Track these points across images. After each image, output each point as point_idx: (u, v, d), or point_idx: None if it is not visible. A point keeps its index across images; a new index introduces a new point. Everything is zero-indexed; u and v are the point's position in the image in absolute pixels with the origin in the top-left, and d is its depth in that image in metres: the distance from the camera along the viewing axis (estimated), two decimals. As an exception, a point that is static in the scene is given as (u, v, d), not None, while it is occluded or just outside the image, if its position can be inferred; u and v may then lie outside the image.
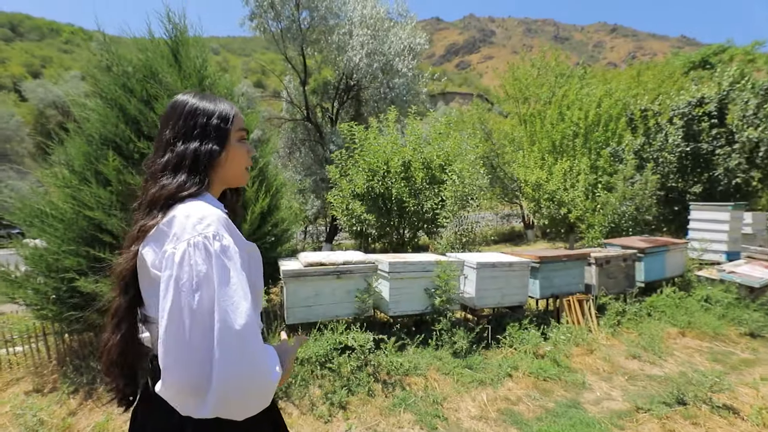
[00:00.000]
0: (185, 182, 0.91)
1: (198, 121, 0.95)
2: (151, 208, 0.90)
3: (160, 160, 0.94)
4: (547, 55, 16.35)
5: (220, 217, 0.86)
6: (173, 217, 0.85)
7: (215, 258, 0.79)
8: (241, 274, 0.82)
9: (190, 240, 0.80)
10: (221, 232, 0.83)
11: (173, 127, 0.96)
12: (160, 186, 0.91)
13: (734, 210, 6.74)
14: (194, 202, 0.88)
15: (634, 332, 4.85)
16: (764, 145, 7.33)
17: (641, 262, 5.79)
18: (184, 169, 0.92)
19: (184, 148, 0.93)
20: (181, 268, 0.78)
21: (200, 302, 0.77)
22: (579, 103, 11.63)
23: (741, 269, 5.74)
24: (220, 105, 0.99)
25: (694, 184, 8.35)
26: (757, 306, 5.16)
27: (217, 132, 0.96)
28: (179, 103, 0.98)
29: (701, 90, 8.23)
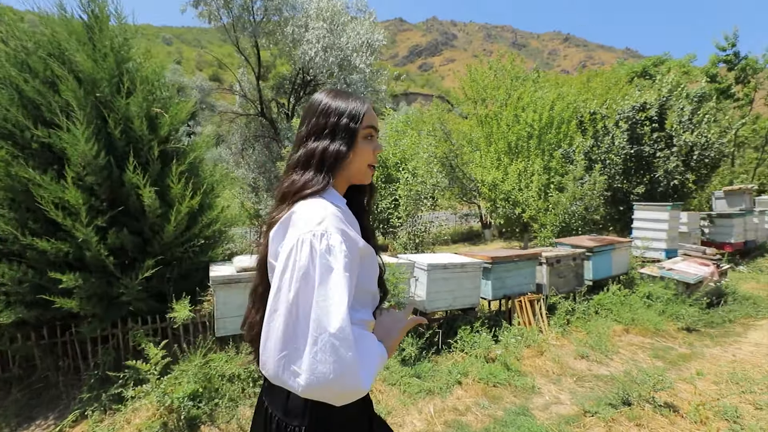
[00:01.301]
0: (311, 180, 0.94)
1: (329, 120, 0.97)
2: (281, 201, 0.97)
3: (294, 156, 1.00)
4: (503, 58, 16.72)
5: (334, 216, 0.87)
6: (293, 213, 0.89)
7: (319, 256, 0.79)
8: (344, 275, 0.80)
9: (300, 236, 0.82)
10: (330, 230, 0.83)
11: (308, 124, 1.00)
12: (290, 181, 0.96)
13: (672, 210, 7.09)
14: (315, 200, 0.91)
15: (582, 331, 4.90)
16: (698, 149, 7.78)
17: (589, 260, 5.91)
18: (311, 167, 0.95)
19: (315, 146, 0.97)
20: (287, 263, 0.80)
21: (296, 297, 0.78)
22: (533, 105, 11.92)
23: (678, 266, 6.01)
24: (353, 103, 1.00)
25: (637, 185, 8.75)
26: (692, 301, 5.40)
27: (346, 132, 0.97)
28: (315, 101, 1.02)
29: (643, 96, 8.63)
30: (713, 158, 8.04)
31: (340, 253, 0.81)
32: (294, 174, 0.97)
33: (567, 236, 7.36)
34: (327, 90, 1.04)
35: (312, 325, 0.75)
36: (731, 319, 5.31)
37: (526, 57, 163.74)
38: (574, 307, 5.29)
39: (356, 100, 1.01)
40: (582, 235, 7.21)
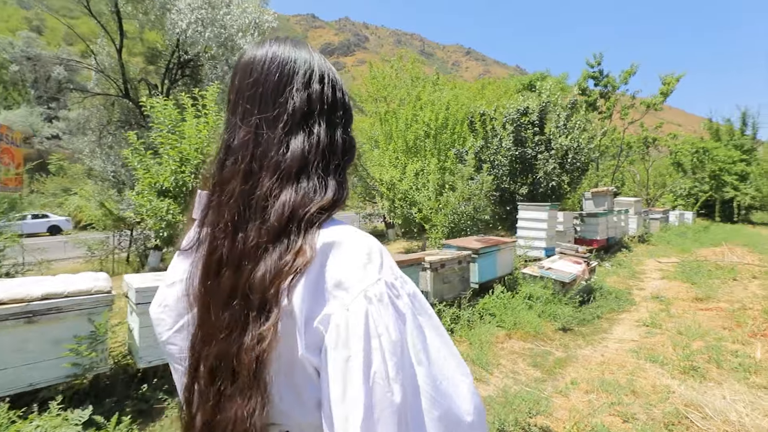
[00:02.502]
0: (337, 191, 0.56)
1: (337, 94, 0.60)
2: (285, 232, 0.51)
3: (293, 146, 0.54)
4: (404, 57, 16.75)
5: (386, 249, 0.54)
6: (327, 248, 0.50)
7: (410, 318, 0.49)
8: (445, 333, 0.52)
9: (369, 292, 0.48)
10: (400, 272, 0.54)
11: (306, 87, 0.57)
12: (303, 193, 0.53)
13: (551, 210, 7.36)
14: (342, 226, 0.54)
15: (466, 341, 4.55)
16: (571, 153, 8.26)
17: (475, 263, 5.69)
18: (331, 167, 0.57)
19: (329, 134, 0.57)
20: (368, 344, 0.46)
21: (405, 394, 0.46)
22: (431, 105, 11.92)
23: (556, 265, 6.15)
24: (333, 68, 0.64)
25: (521, 186, 9.07)
26: (567, 300, 5.49)
27: (351, 119, 0.64)
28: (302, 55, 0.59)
29: (527, 101, 8.97)
30: (583, 162, 8.68)
31: (425, 301, 0.53)
32: (304, 181, 0.54)
33: (458, 237, 7.19)
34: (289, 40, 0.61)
35: (438, 426, 0.47)
36: (599, 315, 5.51)
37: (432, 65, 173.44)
38: (459, 314, 4.95)
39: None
40: (471, 235, 7.08)
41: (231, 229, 0.53)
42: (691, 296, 5.97)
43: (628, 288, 6.86)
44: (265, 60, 0.58)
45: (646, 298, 6.22)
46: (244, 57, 0.60)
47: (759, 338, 4.29)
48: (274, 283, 0.48)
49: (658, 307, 5.70)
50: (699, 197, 20.11)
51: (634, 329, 5.02)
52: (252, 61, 0.59)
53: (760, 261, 8.02)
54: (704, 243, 10.90)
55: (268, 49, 0.59)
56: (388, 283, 0.50)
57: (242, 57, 0.61)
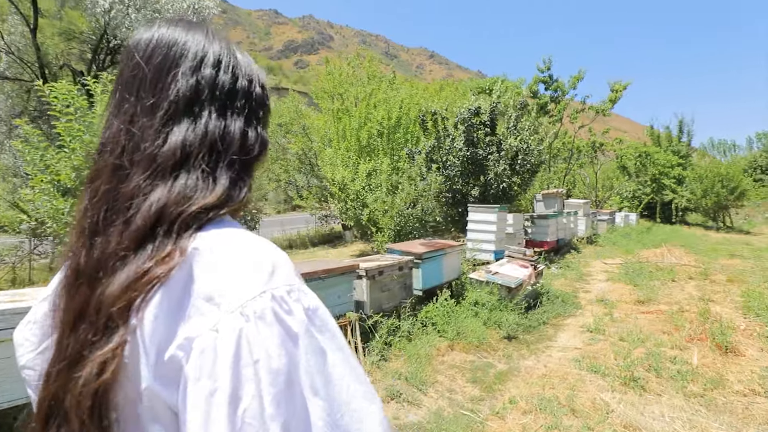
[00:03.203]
0: (230, 189, 0.49)
1: (238, 82, 0.53)
2: (153, 235, 0.43)
3: (176, 134, 0.47)
4: (362, 55, 16.31)
5: (285, 255, 0.47)
6: (194, 259, 0.42)
7: (302, 339, 0.41)
8: (349, 353, 0.45)
9: (247, 309, 0.40)
10: (297, 283, 0.45)
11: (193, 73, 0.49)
12: (180, 188, 0.46)
13: (500, 211, 7.18)
14: (229, 230, 0.47)
15: (403, 356, 4.16)
16: (521, 154, 8.16)
17: (419, 268, 5.33)
18: (195, 166, 0.47)
19: (221, 124, 0.50)
20: (237, 373, 0.37)
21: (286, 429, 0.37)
22: (384, 103, 11.56)
23: (503, 269, 5.93)
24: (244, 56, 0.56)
25: (473, 187, 8.90)
26: (513, 306, 5.26)
27: (264, 109, 0.56)
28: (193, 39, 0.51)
29: (478, 100, 8.81)
30: (533, 163, 8.64)
31: (329, 317, 0.46)
32: (182, 176, 0.46)
33: (405, 240, 6.83)
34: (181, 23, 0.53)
35: None
36: (545, 321, 5.33)
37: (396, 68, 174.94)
38: (399, 324, 4.57)
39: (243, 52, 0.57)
40: (418, 239, 6.74)
41: (89, 234, 0.45)
42: (634, 299, 5.97)
43: (574, 291, 6.80)
44: (150, 42, 0.50)
45: (591, 302, 6.16)
46: (130, 40, 0.52)
47: (695, 342, 4.23)
48: (122, 297, 0.40)
49: (603, 311, 5.62)
50: (642, 199, 21.24)
51: (578, 335, 4.86)
52: (136, 45, 0.51)
53: (696, 262, 8.32)
54: (646, 244, 11.32)
55: (156, 31, 0.51)
56: (277, 297, 0.41)
57: (129, 41, 0.53)
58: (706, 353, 3.96)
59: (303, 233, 17.55)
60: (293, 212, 26.82)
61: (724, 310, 5.06)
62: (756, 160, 30.34)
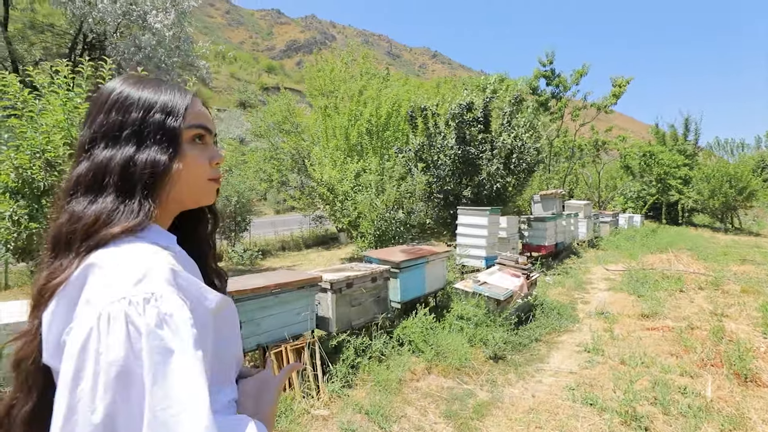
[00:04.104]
0: (111, 211, 0.59)
1: (130, 115, 0.64)
2: (59, 252, 0.59)
3: (73, 173, 0.63)
4: (355, 52, 15.79)
5: (164, 265, 0.55)
6: (87, 271, 0.54)
7: (146, 337, 0.49)
8: (195, 356, 0.50)
9: (103, 310, 0.49)
10: (163, 290, 0.52)
11: (91, 125, 0.65)
12: (68, 215, 0.59)
13: (491, 214, 6.63)
14: (125, 245, 0.57)
15: (370, 382, 3.63)
16: (517, 152, 7.60)
17: (397, 278, 4.80)
18: (107, 189, 0.60)
19: (108, 156, 0.61)
20: (82, 360, 0.47)
21: (108, 416, 0.46)
22: (374, 101, 11.03)
23: (492, 278, 5.38)
24: (167, 93, 0.67)
25: (466, 188, 8.34)
26: (502, 321, 4.71)
27: (162, 132, 0.64)
28: (104, 91, 0.67)
29: (471, 95, 8.26)
30: (530, 162, 8.07)
31: (185, 323, 0.51)
32: (74, 202, 0.60)
33: (388, 246, 6.30)
34: (125, 76, 0.69)
35: None
36: (537, 338, 4.77)
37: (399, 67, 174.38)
38: (370, 343, 4.03)
39: (172, 88, 0.68)
40: (402, 244, 6.20)
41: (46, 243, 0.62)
42: (637, 312, 5.40)
43: (572, 301, 6.24)
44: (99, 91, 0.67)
45: (590, 314, 5.59)
46: None
47: (709, 368, 3.66)
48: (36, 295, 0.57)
49: (602, 326, 5.06)
50: (647, 200, 20.55)
51: (573, 356, 4.30)
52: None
53: (706, 269, 7.71)
54: (651, 247, 10.70)
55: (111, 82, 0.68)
56: (133, 302, 0.50)
57: None
58: (722, 383, 3.40)
59: (297, 235, 17.05)
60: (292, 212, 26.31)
61: (740, 328, 4.48)
62: (765, 159, 29.50)
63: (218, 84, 67.30)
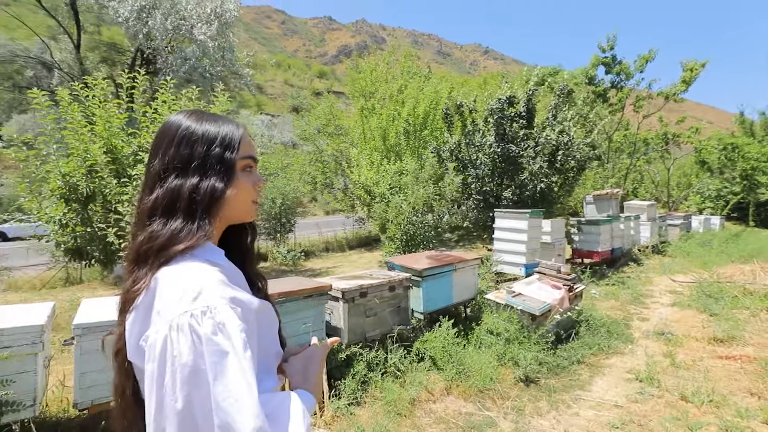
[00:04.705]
0: (180, 230, 0.71)
1: (196, 149, 0.75)
2: (138, 264, 0.72)
3: (148, 199, 0.75)
4: (396, 51, 15.55)
5: (216, 281, 0.67)
6: (156, 285, 0.67)
7: (206, 343, 0.60)
8: (245, 357, 0.62)
9: (173, 322, 0.62)
10: (216, 303, 0.64)
11: (163, 156, 0.76)
12: (148, 234, 0.72)
13: (532, 217, 6.04)
14: (184, 264, 0.69)
15: (381, 400, 3.36)
16: (563, 149, 6.90)
17: (420, 287, 4.48)
18: (178, 212, 0.73)
19: (179, 183, 0.74)
20: (162, 365, 0.61)
21: (188, 406, 0.59)
22: (413, 99, 10.72)
23: (529, 289, 4.85)
24: (225, 127, 0.79)
25: (506, 188, 7.76)
26: (537, 338, 4.19)
27: (221, 163, 0.76)
28: (171, 125, 0.77)
29: (512, 88, 7.66)
30: (579, 160, 7.29)
31: (235, 329, 0.63)
32: (153, 223, 0.72)
33: (416, 251, 5.97)
34: (187, 112, 0.80)
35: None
36: (580, 359, 4.19)
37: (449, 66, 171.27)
38: (386, 358, 3.76)
39: (228, 123, 0.80)
40: (431, 250, 5.85)
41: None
42: (708, 335, 4.56)
43: (627, 317, 5.47)
44: (164, 124, 0.78)
45: (647, 334, 4.84)
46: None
47: (802, 414, 2.92)
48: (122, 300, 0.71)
49: (662, 349, 4.33)
50: (729, 200, 18.00)
51: (621, 385, 3.69)
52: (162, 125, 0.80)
53: (803, 282, 6.43)
54: (732, 255, 9.23)
55: (173, 116, 0.79)
56: (195, 315, 0.61)
57: None
58: (820, 435, 2.68)
59: (341, 236, 17.18)
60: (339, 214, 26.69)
61: None
62: None
63: (273, 91, 70.66)
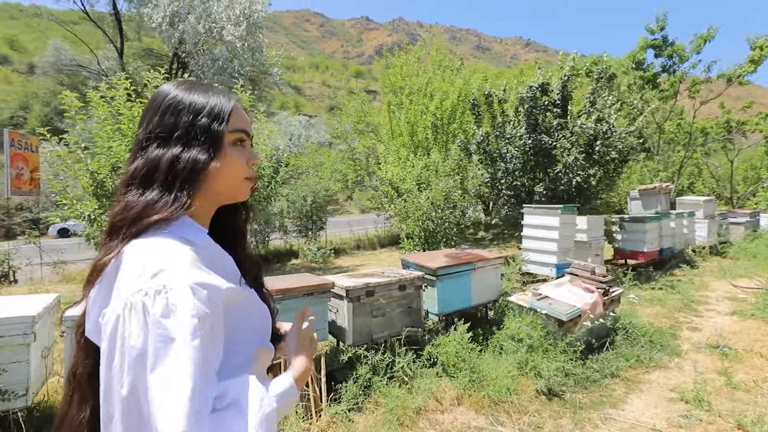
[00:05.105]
0: (155, 201, 0.68)
1: (181, 119, 0.72)
2: (110, 234, 0.69)
3: (129, 168, 0.73)
4: (429, 44, 15.17)
5: (180, 260, 0.63)
6: (121, 258, 0.64)
7: (153, 326, 0.57)
8: (191, 345, 0.57)
9: (128, 300, 0.59)
10: (172, 283, 0.60)
11: (147, 124, 0.73)
12: (123, 204, 0.69)
13: (564, 213, 5.53)
14: (155, 239, 0.66)
15: (383, 408, 3.13)
16: (601, 138, 6.30)
17: (434, 287, 4.19)
18: (155, 183, 0.69)
19: (158, 153, 0.70)
20: (113, 342, 0.58)
21: (133, 393, 0.55)
22: (441, 93, 10.34)
23: (558, 292, 4.41)
24: (214, 98, 0.75)
25: (539, 183, 7.23)
26: (565, 347, 3.77)
27: (207, 134, 0.72)
28: (159, 94, 0.75)
29: (545, 75, 7.12)
30: (621, 150, 6.62)
31: (186, 312, 0.58)
32: (129, 194, 0.69)
33: (439, 248, 5.67)
34: (179, 81, 0.78)
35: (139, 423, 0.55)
36: (614, 372, 3.72)
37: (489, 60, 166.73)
38: (393, 361, 3.53)
39: (218, 94, 0.76)
40: (451, 247, 5.52)
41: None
42: (774, 349, 3.90)
43: (674, 326, 4.85)
44: (152, 95, 0.76)
45: (698, 347, 4.24)
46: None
47: None
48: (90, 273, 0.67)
49: (715, 365, 3.75)
50: (808, 195, 15.87)
51: (662, 405, 3.21)
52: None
53: None
54: (809, 257, 8.04)
55: (163, 85, 0.77)
56: (149, 293, 0.58)
57: None
58: None
59: (372, 234, 17.10)
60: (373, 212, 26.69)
61: None
62: None
63: (311, 92, 72.21)
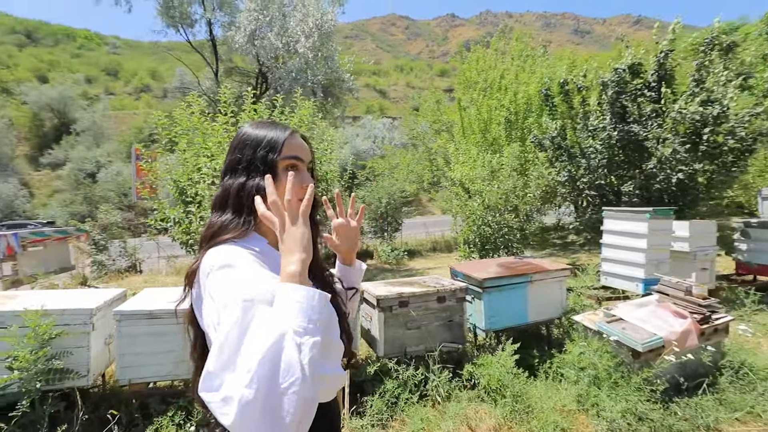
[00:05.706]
0: (228, 223, 0.88)
1: (245, 152, 0.91)
2: (200, 246, 0.90)
3: (214, 194, 0.95)
4: (507, 34, 14.16)
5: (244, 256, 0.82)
6: (203, 260, 0.83)
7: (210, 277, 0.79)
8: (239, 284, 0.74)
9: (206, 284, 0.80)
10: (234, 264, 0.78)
11: (226, 159, 0.95)
12: (207, 224, 0.92)
13: (654, 218, 4.60)
14: (225, 247, 0.84)
15: (410, 426, 2.90)
16: (710, 124, 5.13)
17: (481, 299, 3.81)
18: (228, 208, 0.90)
19: (230, 183, 0.91)
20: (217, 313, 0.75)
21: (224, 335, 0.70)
22: (516, 85, 9.53)
23: (637, 314, 3.65)
24: (272, 132, 0.93)
25: (628, 180, 6.19)
26: (640, 383, 3.08)
27: (264, 164, 0.90)
28: (238, 133, 0.96)
29: (636, 54, 6.07)
30: (743, 139, 5.29)
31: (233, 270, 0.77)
32: (213, 215, 0.92)
33: (497, 256, 5.18)
34: (252, 122, 0.98)
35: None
36: (711, 425, 2.93)
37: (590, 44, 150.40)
38: (426, 377, 3.28)
39: (277, 128, 0.94)
40: (510, 256, 5.00)
41: None
42: None
43: (815, 368, 3.65)
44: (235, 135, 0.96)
45: None
46: None
47: None
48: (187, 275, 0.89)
49: None
50: None
51: (777, 476, 2.40)
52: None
53: None
54: None
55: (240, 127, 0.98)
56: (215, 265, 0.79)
57: None
58: None
59: (448, 236, 16.68)
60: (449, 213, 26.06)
61: None
62: None
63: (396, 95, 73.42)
